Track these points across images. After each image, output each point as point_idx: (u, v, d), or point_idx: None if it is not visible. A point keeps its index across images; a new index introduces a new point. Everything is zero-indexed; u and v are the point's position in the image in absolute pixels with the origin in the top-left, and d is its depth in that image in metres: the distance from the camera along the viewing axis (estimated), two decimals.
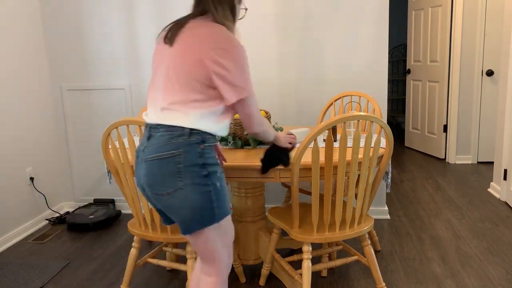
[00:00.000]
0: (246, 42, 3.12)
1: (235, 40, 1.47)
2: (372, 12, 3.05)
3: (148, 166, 1.46)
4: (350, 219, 1.98)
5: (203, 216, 1.46)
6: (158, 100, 1.50)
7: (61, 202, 3.64)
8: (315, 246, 2.79)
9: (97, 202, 3.56)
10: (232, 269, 2.57)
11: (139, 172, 1.53)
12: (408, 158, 5.09)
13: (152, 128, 1.50)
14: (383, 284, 2.15)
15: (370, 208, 3.30)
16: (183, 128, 1.45)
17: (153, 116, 1.51)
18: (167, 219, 1.65)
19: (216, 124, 1.50)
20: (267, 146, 1.86)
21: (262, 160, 1.78)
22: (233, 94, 1.46)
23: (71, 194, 3.64)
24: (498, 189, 3.65)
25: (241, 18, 1.65)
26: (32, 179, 3.26)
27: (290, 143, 1.78)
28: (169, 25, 1.57)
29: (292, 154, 1.84)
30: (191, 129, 1.45)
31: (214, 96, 1.48)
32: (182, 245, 2.83)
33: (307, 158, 1.93)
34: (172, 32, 1.51)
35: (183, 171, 1.43)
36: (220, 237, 1.53)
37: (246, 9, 1.67)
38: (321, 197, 2.47)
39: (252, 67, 3.21)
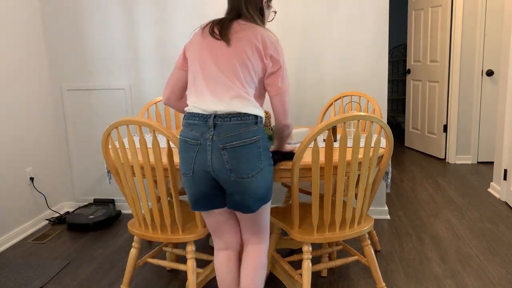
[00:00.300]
0: None
1: (278, 40, 1.73)
2: (372, 12, 3.05)
3: (230, 153, 1.58)
4: (350, 219, 1.98)
5: (269, 192, 1.70)
6: (221, 91, 1.62)
7: (61, 202, 3.64)
8: (315, 246, 2.79)
9: (97, 202, 3.56)
10: None
11: (206, 158, 1.61)
12: (408, 158, 5.09)
13: (218, 117, 1.60)
14: (383, 284, 2.15)
15: (370, 208, 3.30)
16: (255, 116, 1.62)
17: (219, 106, 1.61)
18: (211, 204, 1.71)
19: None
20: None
21: None
22: (279, 87, 1.70)
23: (71, 194, 3.64)
24: (498, 189, 3.65)
25: (270, 21, 1.87)
26: (32, 179, 3.26)
27: (292, 152, 1.96)
28: (210, 23, 1.71)
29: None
30: (257, 117, 1.64)
31: (262, 88, 1.74)
32: (182, 245, 2.83)
33: (307, 158, 1.93)
34: (224, 30, 1.66)
35: (262, 154, 1.63)
36: (269, 208, 1.79)
37: (275, 12, 1.86)
38: (321, 197, 2.47)
39: None
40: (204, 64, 1.66)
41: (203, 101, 1.64)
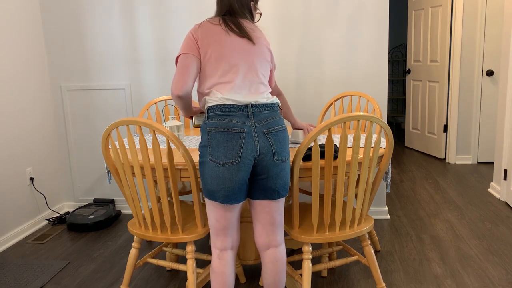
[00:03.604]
0: None
1: None
2: (372, 12, 3.05)
3: (274, 136, 1.71)
4: (350, 219, 1.98)
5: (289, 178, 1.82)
6: (255, 86, 1.77)
7: (61, 202, 3.64)
8: (315, 246, 2.80)
9: (97, 202, 3.56)
10: None
11: (254, 144, 1.68)
12: (408, 158, 5.09)
13: (255, 107, 1.71)
14: (383, 284, 2.15)
15: (370, 208, 3.30)
16: (278, 106, 1.80)
17: (254, 98, 1.74)
18: (241, 195, 1.72)
19: None
20: None
21: None
22: (273, 80, 1.97)
23: (71, 194, 3.65)
24: (498, 189, 3.65)
25: (256, 22, 1.95)
26: (32, 179, 3.26)
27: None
28: (221, 19, 1.79)
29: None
30: (279, 106, 1.82)
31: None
32: (182, 245, 2.83)
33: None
34: (243, 29, 1.78)
35: (288, 140, 1.79)
36: None
37: (261, 14, 1.94)
38: (321, 197, 2.47)
39: None
40: (236, 60, 1.74)
41: (238, 93, 1.72)
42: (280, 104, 1.85)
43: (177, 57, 1.78)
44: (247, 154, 1.66)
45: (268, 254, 1.81)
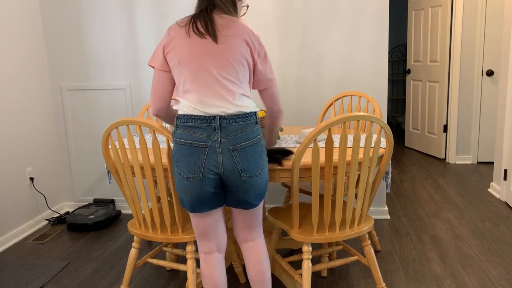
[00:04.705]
0: None
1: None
2: (372, 12, 3.05)
3: (240, 153, 1.60)
4: (350, 219, 1.98)
5: (267, 186, 1.74)
6: (223, 92, 1.60)
7: (61, 202, 3.64)
8: (315, 246, 2.79)
9: (97, 202, 3.56)
10: (232, 269, 2.57)
11: (217, 160, 1.59)
12: (408, 158, 5.09)
13: (223, 119, 1.58)
14: (383, 284, 2.14)
15: (370, 208, 3.30)
16: (254, 114, 1.65)
17: (223, 108, 1.59)
18: (214, 203, 1.69)
19: None
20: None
21: None
22: (270, 79, 1.73)
23: (71, 194, 3.65)
24: (498, 189, 3.65)
25: (242, 15, 1.77)
26: (32, 179, 3.26)
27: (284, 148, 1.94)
28: (190, 19, 1.63)
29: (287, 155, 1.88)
30: (256, 114, 1.67)
31: (248, 84, 1.71)
32: (182, 245, 2.83)
33: (307, 158, 1.93)
34: (209, 26, 1.60)
35: (263, 151, 1.68)
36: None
37: (247, 6, 1.81)
38: (321, 197, 2.47)
39: None
40: (199, 65, 1.59)
41: (205, 103, 1.59)
42: (258, 111, 1.69)
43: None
44: (209, 170, 1.59)
45: (246, 247, 1.82)
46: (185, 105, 1.61)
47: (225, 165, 1.59)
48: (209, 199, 1.66)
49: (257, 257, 1.81)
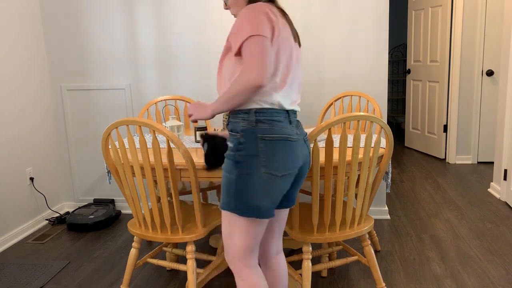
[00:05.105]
0: None
1: None
2: (372, 12, 3.05)
3: (307, 143, 1.64)
4: (350, 219, 1.98)
5: None
6: (298, 91, 1.64)
7: (61, 202, 3.64)
8: (315, 246, 2.79)
9: (97, 202, 3.56)
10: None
11: (301, 153, 1.57)
12: (408, 158, 5.09)
13: (296, 114, 1.62)
14: (383, 284, 2.14)
15: (370, 208, 3.30)
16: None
17: (296, 105, 1.62)
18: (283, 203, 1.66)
19: None
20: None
21: (206, 154, 1.63)
22: None
23: (71, 194, 3.65)
24: (498, 189, 3.65)
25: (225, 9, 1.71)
26: (32, 179, 3.26)
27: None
28: (281, 12, 1.57)
29: None
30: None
31: None
32: (182, 245, 2.83)
33: None
34: (294, 29, 1.62)
35: None
36: None
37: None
38: (321, 197, 2.47)
39: None
40: (295, 61, 1.57)
41: (290, 98, 1.56)
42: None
43: (248, 38, 1.40)
44: (301, 164, 1.57)
45: (277, 259, 1.75)
46: (275, 98, 1.52)
47: (306, 156, 1.61)
48: (279, 199, 1.54)
49: (285, 269, 1.76)
